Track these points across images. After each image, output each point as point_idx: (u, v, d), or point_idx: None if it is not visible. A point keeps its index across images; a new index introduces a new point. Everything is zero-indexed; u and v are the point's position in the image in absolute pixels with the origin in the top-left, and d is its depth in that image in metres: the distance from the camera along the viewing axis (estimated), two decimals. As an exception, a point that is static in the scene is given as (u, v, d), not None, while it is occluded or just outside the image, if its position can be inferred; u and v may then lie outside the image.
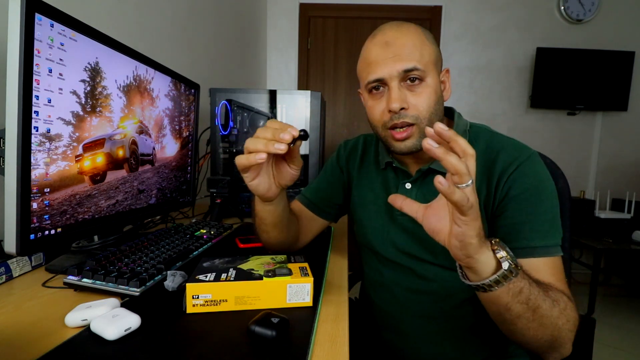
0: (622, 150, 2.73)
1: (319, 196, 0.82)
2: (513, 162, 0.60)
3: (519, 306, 0.47)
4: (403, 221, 0.69)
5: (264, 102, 1.19)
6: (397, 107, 0.59)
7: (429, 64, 0.60)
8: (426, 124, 0.60)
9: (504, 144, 0.63)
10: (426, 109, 0.60)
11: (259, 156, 0.49)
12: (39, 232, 0.54)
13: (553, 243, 0.57)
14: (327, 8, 2.74)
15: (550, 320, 0.49)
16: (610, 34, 2.63)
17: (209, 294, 0.49)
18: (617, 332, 2.01)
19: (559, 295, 0.51)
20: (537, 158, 0.61)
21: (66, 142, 0.58)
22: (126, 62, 0.72)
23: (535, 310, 0.48)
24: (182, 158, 1.01)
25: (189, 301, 0.49)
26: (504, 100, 2.74)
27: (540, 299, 0.48)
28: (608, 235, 2.30)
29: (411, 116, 0.60)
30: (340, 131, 2.83)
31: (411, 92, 0.60)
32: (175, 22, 1.39)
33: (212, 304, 0.50)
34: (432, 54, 0.61)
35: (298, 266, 0.57)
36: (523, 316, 0.48)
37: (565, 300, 0.51)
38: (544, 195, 0.58)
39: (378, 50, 0.61)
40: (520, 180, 0.59)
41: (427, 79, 0.60)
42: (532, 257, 0.56)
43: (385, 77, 0.60)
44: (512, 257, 0.46)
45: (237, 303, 0.50)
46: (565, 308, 0.50)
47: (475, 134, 0.67)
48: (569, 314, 0.51)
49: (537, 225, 0.57)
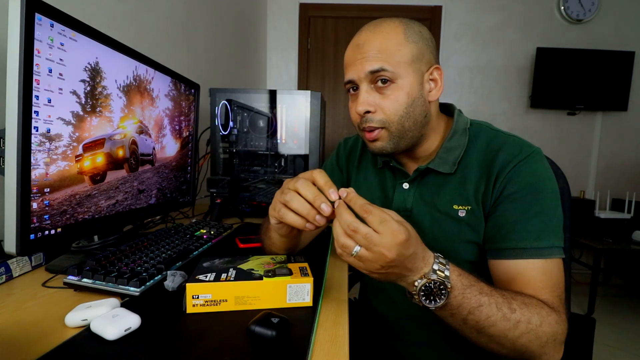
0: (622, 150, 2.73)
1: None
2: (512, 160, 0.58)
3: (453, 323, 0.49)
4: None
5: (264, 102, 1.19)
6: (361, 111, 0.60)
7: (402, 65, 0.58)
8: (395, 127, 0.60)
9: (505, 142, 0.61)
10: (394, 112, 0.59)
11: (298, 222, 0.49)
12: (39, 232, 0.54)
13: (546, 245, 0.54)
14: (327, 8, 2.74)
15: (506, 340, 0.48)
16: (610, 34, 2.63)
17: (209, 294, 0.49)
18: (617, 332, 2.01)
19: (535, 310, 0.49)
20: (538, 156, 0.59)
21: (66, 142, 0.58)
22: (126, 62, 0.72)
23: (480, 330, 0.48)
24: (182, 158, 1.01)
25: (189, 301, 0.49)
26: (504, 100, 2.74)
27: (487, 323, 0.47)
28: (608, 235, 2.30)
29: (377, 120, 0.60)
30: (340, 131, 2.83)
31: (380, 95, 0.59)
32: (175, 22, 1.39)
33: (212, 304, 0.50)
34: (409, 54, 0.58)
35: (298, 266, 0.57)
36: (464, 332, 0.49)
37: (543, 315, 0.49)
38: (542, 194, 0.56)
39: (350, 52, 0.62)
40: (517, 178, 0.57)
41: (399, 80, 0.58)
42: (520, 258, 0.54)
43: (355, 78, 0.60)
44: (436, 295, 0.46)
45: (237, 303, 0.50)
46: (539, 324, 0.48)
47: (476, 132, 0.65)
48: (542, 331, 0.48)
49: (530, 225, 0.55)
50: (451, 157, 0.63)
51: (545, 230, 0.55)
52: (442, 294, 0.46)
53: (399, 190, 0.69)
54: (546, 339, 0.49)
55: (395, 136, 0.61)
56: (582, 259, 2.57)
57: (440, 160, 0.64)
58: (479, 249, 0.61)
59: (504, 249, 0.56)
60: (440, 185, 0.64)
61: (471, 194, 0.61)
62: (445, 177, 0.64)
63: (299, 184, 0.49)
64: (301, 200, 0.49)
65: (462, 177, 0.63)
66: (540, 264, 0.54)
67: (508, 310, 0.47)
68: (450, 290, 0.46)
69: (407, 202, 0.67)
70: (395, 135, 0.61)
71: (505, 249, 0.56)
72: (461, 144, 0.64)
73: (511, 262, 0.55)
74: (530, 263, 0.54)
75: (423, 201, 0.66)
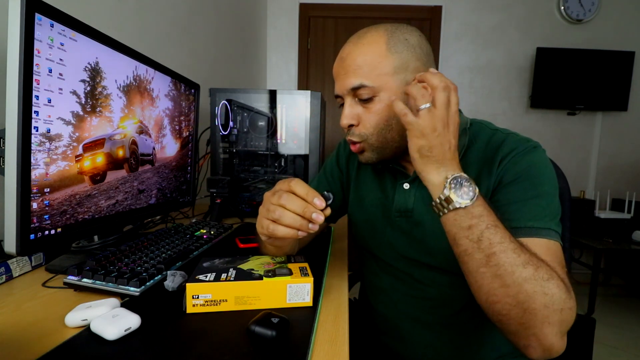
0: (622, 150, 2.73)
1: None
2: (510, 153, 0.59)
3: (467, 242, 0.47)
4: (401, 223, 0.68)
5: (264, 102, 1.19)
6: (345, 125, 0.62)
7: (384, 77, 0.57)
8: (375, 139, 0.61)
9: (505, 139, 0.61)
10: (373, 125, 0.60)
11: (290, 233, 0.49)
12: (39, 232, 0.54)
13: (542, 226, 0.52)
14: (327, 8, 2.74)
15: (512, 278, 0.44)
16: (610, 34, 2.63)
17: (209, 294, 0.49)
18: (617, 332, 2.01)
19: (543, 266, 0.45)
20: (536, 149, 0.59)
21: (66, 142, 0.58)
22: (126, 62, 0.72)
23: (490, 256, 0.45)
24: (182, 158, 1.01)
25: (189, 301, 0.49)
26: (504, 100, 2.74)
27: (500, 248, 0.45)
28: (608, 235, 2.30)
29: (357, 135, 0.62)
30: (340, 131, 2.79)
31: (363, 108, 0.61)
32: (175, 22, 1.39)
33: (212, 304, 0.50)
34: (392, 65, 0.57)
35: (298, 266, 0.57)
36: (473, 256, 0.47)
37: (552, 274, 0.45)
38: (538, 180, 0.55)
39: (336, 65, 0.63)
40: (514, 167, 0.57)
41: (381, 93, 0.58)
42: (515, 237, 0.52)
43: (339, 93, 0.62)
44: (465, 193, 0.48)
45: (237, 303, 0.50)
46: (547, 279, 0.44)
47: (476, 132, 0.65)
48: (548, 286, 0.43)
49: (526, 207, 0.54)
50: None
51: (542, 213, 0.53)
52: (470, 191, 0.48)
53: (400, 191, 0.69)
54: (551, 300, 0.43)
55: (377, 147, 0.62)
56: (582, 259, 2.57)
57: None
58: None
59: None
60: None
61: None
62: None
63: (284, 199, 0.49)
64: (291, 215, 0.49)
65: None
66: (541, 242, 0.51)
67: (519, 247, 0.46)
68: (477, 193, 0.48)
69: (407, 202, 0.67)
70: (376, 147, 0.62)
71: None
72: (461, 143, 0.64)
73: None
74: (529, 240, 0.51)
75: (424, 201, 0.66)
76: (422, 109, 0.49)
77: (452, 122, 0.51)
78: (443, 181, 0.50)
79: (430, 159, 0.51)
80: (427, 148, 0.50)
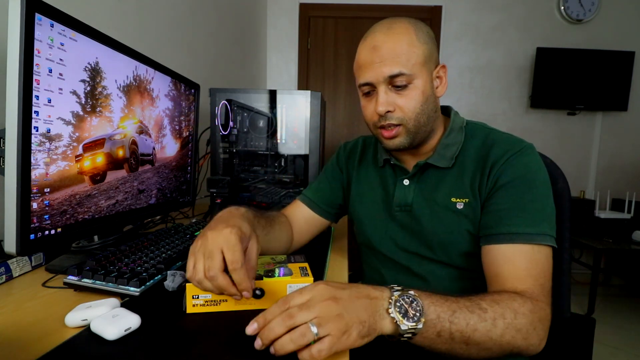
0: (622, 150, 2.73)
1: (319, 196, 0.83)
2: (504, 154, 0.61)
3: (443, 345, 0.47)
4: (402, 217, 0.70)
5: (264, 102, 1.19)
6: (382, 111, 0.63)
7: (417, 66, 0.61)
8: (412, 123, 0.63)
9: (499, 138, 0.65)
10: (412, 110, 0.62)
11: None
12: (39, 232, 0.54)
13: (538, 231, 0.56)
14: (327, 8, 2.74)
15: (492, 342, 0.47)
16: (610, 34, 2.63)
17: (208, 294, 0.49)
18: (617, 332, 2.01)
19: (506, 305, 0.49)
20: (529, 150, 0.62)
21: (66, 142, 0.58)
22: (126, 62, 0.72)
23: (468, 340, 0.46)
24: (182, 158, 1.01)
25: (189, 301, 0.49)
26: (504, 100, 2.74)
27: (470, 330, 0.46)
28: (608, 235, 2.30)
29: (397, 118, 0.63)
30: (340, 131, 2.82)
31: (398, 95, 0.62)
32: (175, 22, 1.39)
33: (212, 304, 0.50)
34: (422, 55, 0.61)
35: (298, 266, 0.57)
36: (455, 350, 0.47)
37: (515, 307, 0.49)
38: (533, 184, 0.59)
39: (366, 54, 0.63)
40: (509, 170, 0.60)
41: (415, 80, 0.61)
42: (512, 243, 0.56)
43: (373, 81, 0.63)
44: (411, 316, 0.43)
45: (237, 303, 0.50)
46: (513, 317, 0.48)
47: (472, 130, 0.69)
48: (518, 323, 0.48)
49: (524, 213, 0.57)
50: (449, 153, 0.67)
51: (538, 218, 0.57)
52: (415, 307, 0.44)
53: (400, 187, 0.71)
54: (526, 330, 0.49)
55: (412, 132, 0.64)
56: (582, 259, 2.57)
57: (438, 156, 0.67)
58: (475, 240, 0.63)
59: (497, 234, 0.58)
60: (439, 179, 0.67)
61: (468, 186, 0.64)
62: (443, 172, 0.67)
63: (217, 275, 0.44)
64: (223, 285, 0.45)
65: (459, 171, 0.66)
66: (529, 250, 0.56)
67: (480, 310, 0.48)
68: (419, 298, 0.45)
69: (407, 198, 0.70)
70: (412, 131, 0.64)
71: (498, 234, 0.58)
72: (458, 140, 0.68)
73: (502, 247, 0.57)
74: (520, 249, 0.56)
75: (423, 196, 0.68)
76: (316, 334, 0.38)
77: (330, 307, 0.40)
78: (391, 320, 0.43)
79: (369, 326, 0.42)
80: (359, 325, 0.41)
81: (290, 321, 0.38)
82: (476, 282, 0.65)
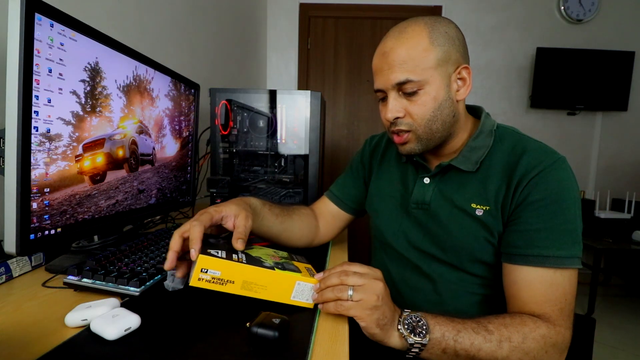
0: (622, 150, 2.73)
1: (344, 191, 0.85)
2: (536, 167, 0.58)
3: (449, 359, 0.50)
4: (418, 215, 0.70)
5: (264, 102, 1.19)
6: (391, 118, 0.62)
7: (429, 71, 0.59)
8: (422, 130, 0.62)
9: (530, 147, 0.62)
10: (421, 117, 0.61)
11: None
12: (39, 232, 0.54)
13: (569, 254, 0.55)
14: (327, 8, 2.74)
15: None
16: (610, 34, 2.63)
17: (218, 270, 0.47)
18: (617, 332, 2.01)
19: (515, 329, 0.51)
20: (563, 164, 0.59)
21: (66, 142, 0.58)
22: (126, 62, 0.72)
23: (473, 358, 0.50)
24: (182, 158, 1.01)
25: (196, 273, 0.47)
26: (504, 100, 2.74)
27: (475, 349, 0.49)
28: (608, 235, 2.30)
29: (406, 124, 0.63)
30: (340, 131, 2.82)
31: (409, 101, 0.61)
32: (175, 22, 1.39)
33: (219, 282, 0.48)
34: (435, 58, 0.59)
35: (304, 266, 0.57)
36: None
37: (525, 331, 0.51)
38: (566, 204, 0.56)
39: (377, 60, 0.63)
40: (541, 185, 0.57)
41: (426, 86, 0.60)
42: (541, 266, 0.55)
43: (382, 88, 0.63)
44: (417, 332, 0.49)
45: (243, 288, 0.49)
46: (522, 341, 0.50)
47: (502, 134, 0.66)
48: (527, 346, 0.50)
49: (555, 234, 0.55)
50: (474, 156, 0.64)
51: (570, 240, 0.56)
52: (422, 326, 0.49)
53: (420, 184, 0.70)
54: (535, 354, 0.50)
55: (423, 138, 0.63)
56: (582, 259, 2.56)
57: (463, 158, 0.65)
58: (490, 249, 0.62)
59: (525, 255, 0.56)
60: (461, 182, 0.66)
61: (492, 194, 0.61)
62: (466, 175, 0.65)
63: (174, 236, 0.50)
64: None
65: (484, 176, 0.63)
66: (552, 274, 0.55)
67: (485, 332, 0.50)
68: (425, 318, 0.50)
69: (425, 196, 0.69)
70: (423, 137, 0.63)
71: (527, 255, 0.56)
72: (486, 144, 0.65)
73: (526, 268, 0.56)
74: (543, 273, 0.55)
75: (442, 196, 0.67)
76: (350, 295, 0.48)
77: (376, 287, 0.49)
78: (399, 336, 0.50)
79: (386, 325, 0.49)
80: (382, 316, 0.49)
81: (344, 278, 0.49)
82: (485, 290, 0.64)
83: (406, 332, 0.49)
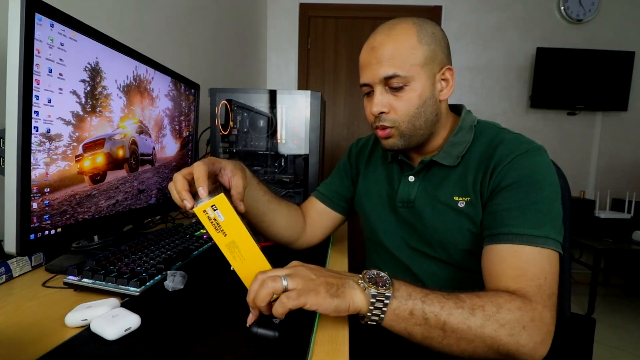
0: (622, 150, 2.73)
1: (331, 189, 0.86)
2: (510, 154, 0.59)
3: (418, 328, 0.45)
4: (404, 213, 0.71)
5: (264, 102, 1.19)
6: (376, 112, 0.63)
7: (415, 67, 0.60)
8: (405, 126, 0.63)
9: (506, 138, 0.63)
10: (405, 113, 0.62)
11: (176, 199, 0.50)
12: (39, 232, 0.54)
13: (542, 234, 0.53)
14: (327, 8, 2.74)
15: (472, 333, 0.45)
16: (610, 34, 2.63)
17: (224, 216, 0.47)
18: (617, 332, 2.01)
19: (488, 299, 0.47)
20: (537, 151, 0.59)
21: (66, 142, 0.58)
22: (126, 62, 0.72)
23: (444, 326, 0.45)
24: (182, 158, 1.01)
25: (207, 205, 0.46)
26: (504, 100, 2.74)
27: (445, 314, 0.45)
28: (608, 235, 2.30)
29: (390, 120, 0.64)
30: (340, 131, 2.82)
31: (394, 97, 0.62)
32: (175, 22, 1.39)
33: (216, 226, 0.47)
34: (422, 56, 0.60)
35: None
36: (431, 336, 0.46)
37: (500, 302, 0.47)
38: (539, 185, 0.56)
39: (365, 54, 0.64)
40: (514, 171, 0.58)
41: (412, 83, 0.61)
42: (512, 243, 0.53)
43: (369, 82, 0.63)
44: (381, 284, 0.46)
45: (228, 246, 0.48)
46: (496, 311, 0.46)
47: (482, 129, 0.68)
48: (501, 317, 0.46)
49: (526, 214, 0.54)
50: (455, 151, 0.66)
51: (542, 220, 0.54)
52: (384, 279, 0.47)
53: (405, 183, 0.71)
54: (512, 327, 0.46)
55: (406, 134, 0.64)
56: (582, 259, 2.56)
57: (445, 154, 0.67)
58: (476, 240, 0.62)
59: (496, 234, 0.56)
60: (443, 177, 0.67)
61: (470, 185, 0.63)
62: (448, 170, 0.67)
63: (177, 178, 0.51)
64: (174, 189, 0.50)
65: (463, 169, 0.65)
66: (529, 251, 0.52)
67: (457, 299, 0.47)
68: (388, 276, 0.47)
69: (410, 194, 0.70)
70: (406, 133, 0.64)
71: (498, 234, 0.56)
72: (466, 139, 0.67)
73: (499, 246, 0.55)
74: (517, 249, 0.53)
75: (426, 193, 0.68)
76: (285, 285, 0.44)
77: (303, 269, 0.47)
78: (361, 290, 0.46)
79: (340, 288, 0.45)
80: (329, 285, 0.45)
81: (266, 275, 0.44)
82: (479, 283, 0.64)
83: (367, 284, 0.45)
